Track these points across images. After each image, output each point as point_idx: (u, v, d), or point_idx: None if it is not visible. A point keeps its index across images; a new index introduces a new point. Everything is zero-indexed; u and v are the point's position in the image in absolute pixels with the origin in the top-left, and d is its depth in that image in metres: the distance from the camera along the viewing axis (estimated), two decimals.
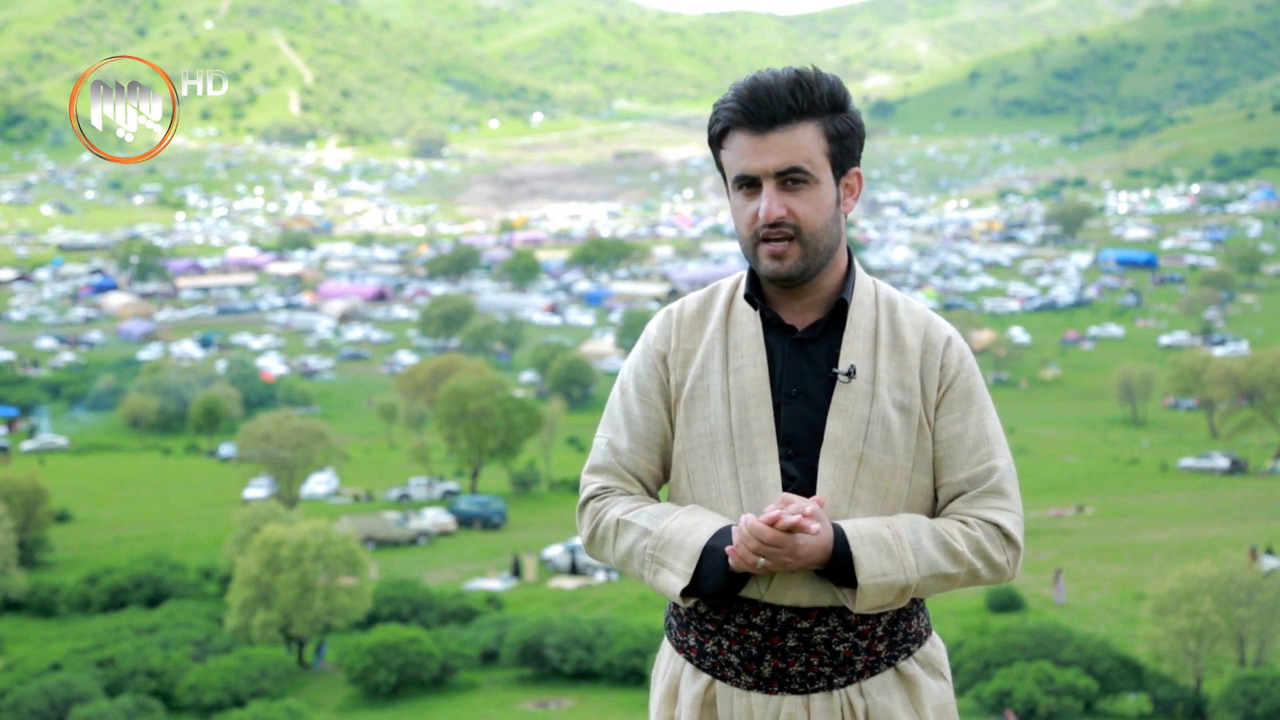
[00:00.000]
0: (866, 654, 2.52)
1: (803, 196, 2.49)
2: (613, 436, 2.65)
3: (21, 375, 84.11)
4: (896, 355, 2.56)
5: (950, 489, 2.55)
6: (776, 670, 2.51)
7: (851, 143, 2.54)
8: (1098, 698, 29.41)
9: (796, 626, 2.49)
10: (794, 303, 2.58)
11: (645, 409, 2.63)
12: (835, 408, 2.51)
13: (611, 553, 2.59)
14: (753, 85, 2.48)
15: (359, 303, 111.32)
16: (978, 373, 2.61)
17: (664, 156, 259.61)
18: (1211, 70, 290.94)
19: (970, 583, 2.52)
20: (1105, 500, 51.13)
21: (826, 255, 2.53)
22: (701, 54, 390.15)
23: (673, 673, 2.64)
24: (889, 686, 2.54)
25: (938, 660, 2.63)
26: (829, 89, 2.49)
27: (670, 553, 2.49)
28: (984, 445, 2.55)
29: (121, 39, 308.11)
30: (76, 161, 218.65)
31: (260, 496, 51.55)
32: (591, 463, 2.67)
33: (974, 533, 2.49)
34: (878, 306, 2.60)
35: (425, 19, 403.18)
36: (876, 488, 2.51)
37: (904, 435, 2.52)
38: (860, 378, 2.53)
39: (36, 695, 29.89)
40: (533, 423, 56.66)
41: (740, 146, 2.50)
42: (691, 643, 2.59)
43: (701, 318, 2.65)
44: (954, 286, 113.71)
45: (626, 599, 38.45)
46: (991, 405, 2.60)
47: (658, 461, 2.64)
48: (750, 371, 2.55)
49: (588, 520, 2.63)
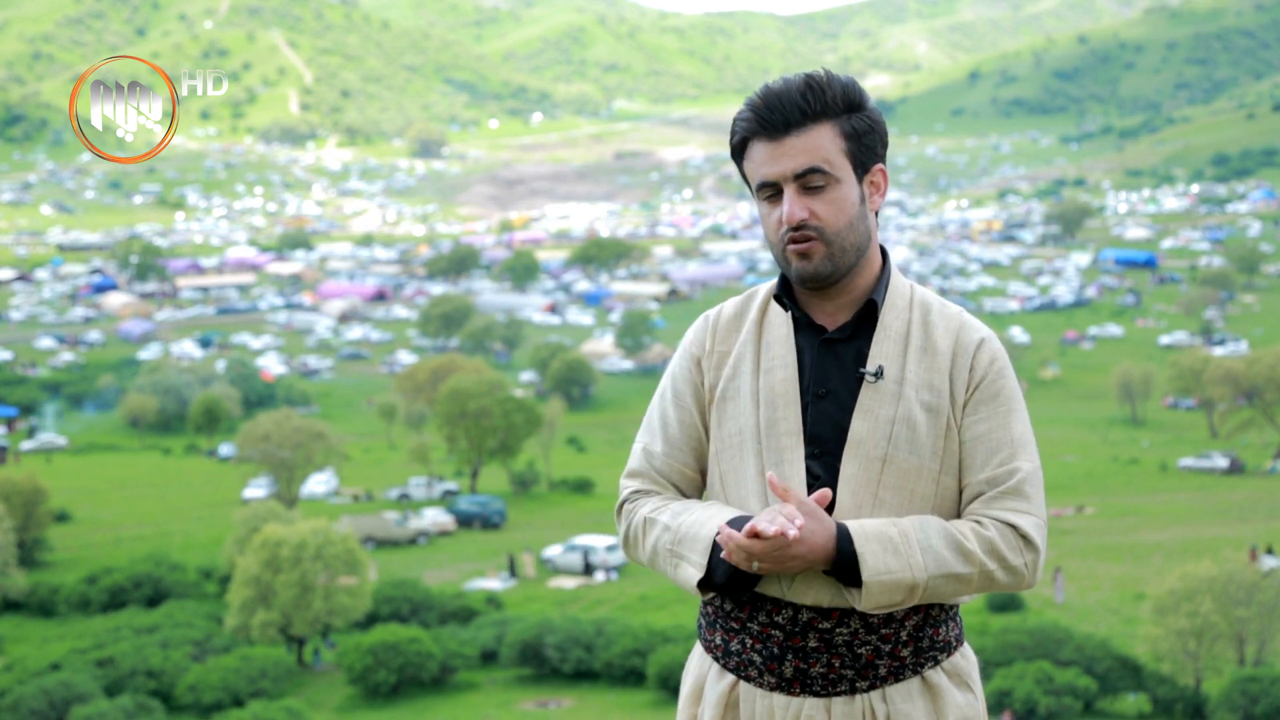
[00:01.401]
0: (890, 659, 2.51)
1: (824, 198, 2.50)
2: (648, 441, 2.68)
3: (21, 375, 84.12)
4: (927, 357, 2.56)
5: (971, 489, 2.53)
6: (798, 671, 2.50)
7: (872, 140, 2.55)
8: (1097, 697, 29.43)
9: (818, 627, 2.49)
10: (825, 303, 2.59)
11: (680, 413, 2.66)
12: (861, 408, 2.52)
13: (642, 552, 2.61)
14: (765, 94, 2.51)
15: (359, 303, 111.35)
16: (1010, 376, 2.59)
17: (664, 156, 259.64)
18: (1211, 70, 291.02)
19: (986, 586, 2.49)
20: (1105, 500, 51.12)
21: (855, 254, 2.54)
22: (701, 54, 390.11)
23: (700, 672, 2.65)
24: (913, 694, 2.52)
25: (966, 671, 2.60)
26: (841, 89, 2.51)
27: (686, 545, 2.51)
28: (1007, 447, 2.53)
29: (121, 39, 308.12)
30: (76, 161, 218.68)
31: (260, 496, 51.55)
32: (628, 468, 2.70)
33: (987, 533, 2.47)
34: (911, 309, 2.60)
35: (425, 19, 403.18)
36: (901, 489, 2.50)
37: (930, 437, 2.51)
38: (888, 378, 2.53)
39: (36, 695, 29.90)
40: (532, 423, 56.66)
41: (759, 155, 2.52)
42: (718, 642, 2.60)
43: (738, 320, 2.68)
44: (954, 286, 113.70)
45: (626, 599, 38.47)
46: (1022, 409, 2.58)
47: (693, 464, 2.66)
48: (780, 372, 2.57)
49: (622, 523, 2.66)
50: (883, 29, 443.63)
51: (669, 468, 2.65)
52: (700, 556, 2.48)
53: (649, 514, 2.59)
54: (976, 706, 2.59)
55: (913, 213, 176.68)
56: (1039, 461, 2.57)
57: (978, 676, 2.63)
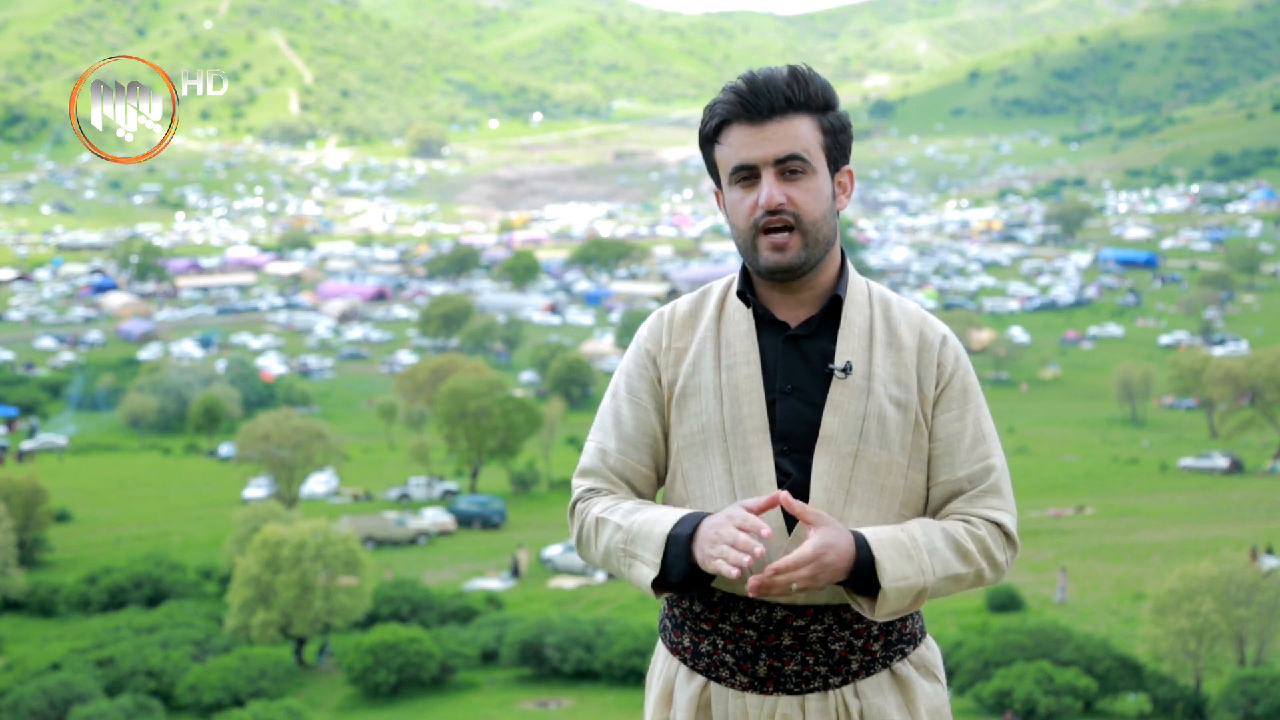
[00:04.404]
0: (862, 654, 2.52)
1: (801, 186, 2.50)
2: (601, 439, 2.65)
3: (22, 375, 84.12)
4: (892, 352, 2.56)
5: (948, 487, 2.54)
6: (772, 670, 2.50)
7: (845, 139, 2.56)
8: (1097, 697, 29.42)
9: (792, 625, 2.49)
10: (788, 299, 2.58)
11: (635, 410, 2.63)
12: (831, 403, 2.51)
13: (595, 552, 2.58)
14: (749, 79, 2.51)
15: (359, 302, 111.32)
16: (973, 372, 2.62)
17: (664, 156, 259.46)
18: (1211, 70, 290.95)
19: (975, 584, 2.52)
20: (1105, 500, 51.09)
21: (825, 248, 2.54)
22: (701, 54, 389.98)
23: (668, 675, 2.63)
24: (884, 688, 2.54)
25: (932, 662, 2.62)
26: (821, 86, 2.52)
27: (639, 544, 2.48)
28: (981, 444, 2.56)
29: (121, 39, 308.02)
30: (76, 161, 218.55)
31: (260, 496, 51.53)
32: (580, 466, 2.67)
33: (979, 532, 2.50)
34: (872, 304, 2.60)
35: (425, 19, 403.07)
36: (873, 484, 2.51)
37: (900, 432, 2.52)
38: (856, 374, 2.52)
39: (36, 695, 29.89)
40: (532, 422, 56.64)
41: (738, 139, 2.51)
42: (686, 644, 2.58)
43: (693, 317, 2.65)
44: (954, 286, 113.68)
45: (626, 599, 38.45)
46: (986, 404, 2.61)
47: (648, 462, 2.63)
48: (743, 369, 2.55)
49: (575, 523, 2.63)
50: (882, 29, 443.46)
51: (623, 465, 2.62)
52: (654, 555, 2.45)
53: (600, 514, 2.56)
54: (944, 695, 2.62)
55: (913, 213, 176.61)
56: (1004, 455, 2.61)
57: (942, 666, 2.66)
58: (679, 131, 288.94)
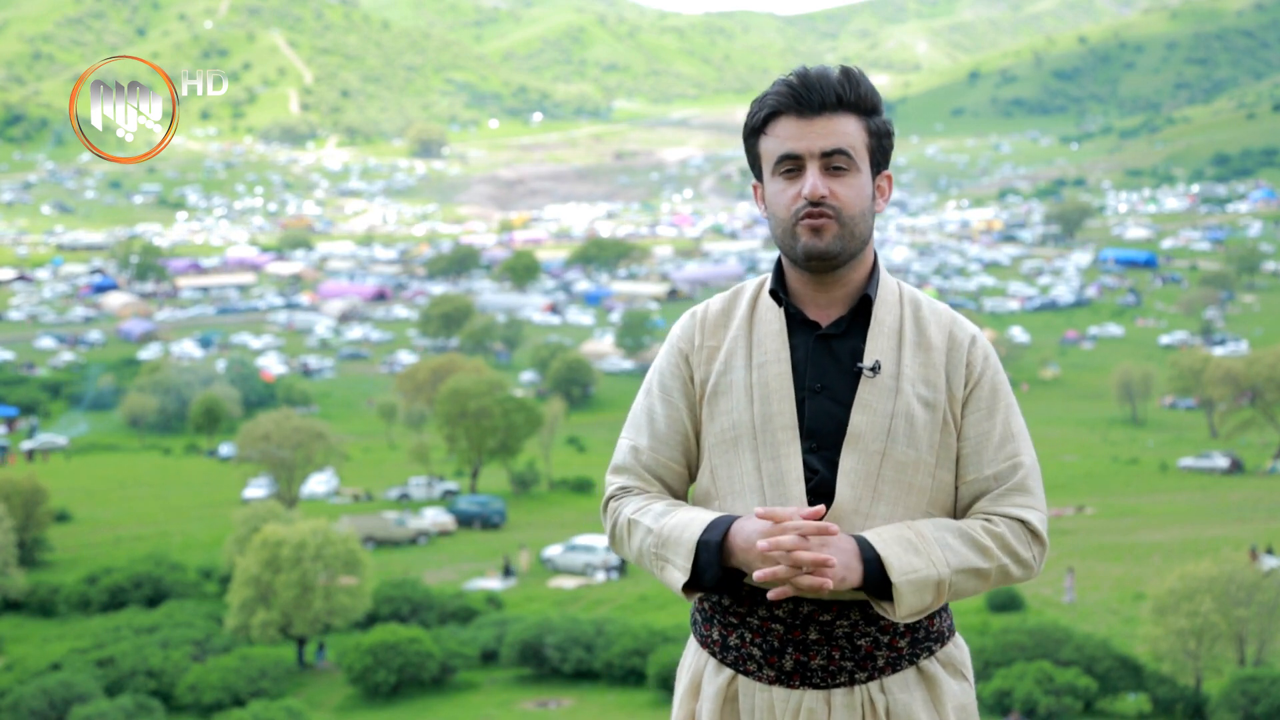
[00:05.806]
0: (888, 650, 2.54)
1: (845, 181, 2.54)
2: (634, 437, 2.69)
3: (22, 375, 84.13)
4: (921, 352, 2.59)
5: (976, 485, 2.57)
6: (798, 664, 2.53)
7: (888, 144, 2.62)
8: (1097, 697, 29.41)
9: (819, 619, 2.51)
10: (819, 297, 2.61)
11: (667, 408, 2.67)
12: (859, 402, 2.54)
13: (628, 551, 2.64)
14: (802, 74, 2.56)
15: (359, 302, 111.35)
16: (1002, 371, 2.64)
17: (664, 156, 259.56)
18: (1211, 70, 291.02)
19: (1002, 580, 2.54)
20: (1105, 500, 51.10)
21: (860, 244, 2.57)
22: (701, 54, 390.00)
23: (696, 668, 2.66)
24: (910, 684, 2.56)
25: (960, 661, 2.65)
26: (870, 89, 2.58)
27: (670, 549, 2.53)
28: (1010, 442, 2.58)
29: (121, 39, 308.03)
30: (76, 161, 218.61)
31: (260, 496, 51.52)
32: (613, 463, 2.71)
33: (998, 529, 2.52)
34: (902, 304, 2.63)
35: (425, 19, 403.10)
36: (900, 482, 2.53)
37: (928, 431, 2.55)
38: (885, 373, 2.55)
39: (36, 695, 29.88)
40: (532, 422, 56.63)
41: (786, 130, 2.55)
42: (715, 637, 2.61)
43: (726, 316, 2.69)
44: (954, 286, 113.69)
45: (626, 599, 38.46)
46: (1016, 404, 2.63)
47: (680, 459, 2.67)
48: (774, 367, 2.58)
49: (608, 520, 2.68)
50: (882, 29, 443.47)
51: (656, 463, 2.66)
52: (685, 560, 2.50)
53: (633, 515, 2.61)
54: (971, 694, 2.65)
55: (913, 213, 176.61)
56: (1035, 455, 2.62)
57: (970, 665, 2.69)
58: (679, 131, 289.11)
